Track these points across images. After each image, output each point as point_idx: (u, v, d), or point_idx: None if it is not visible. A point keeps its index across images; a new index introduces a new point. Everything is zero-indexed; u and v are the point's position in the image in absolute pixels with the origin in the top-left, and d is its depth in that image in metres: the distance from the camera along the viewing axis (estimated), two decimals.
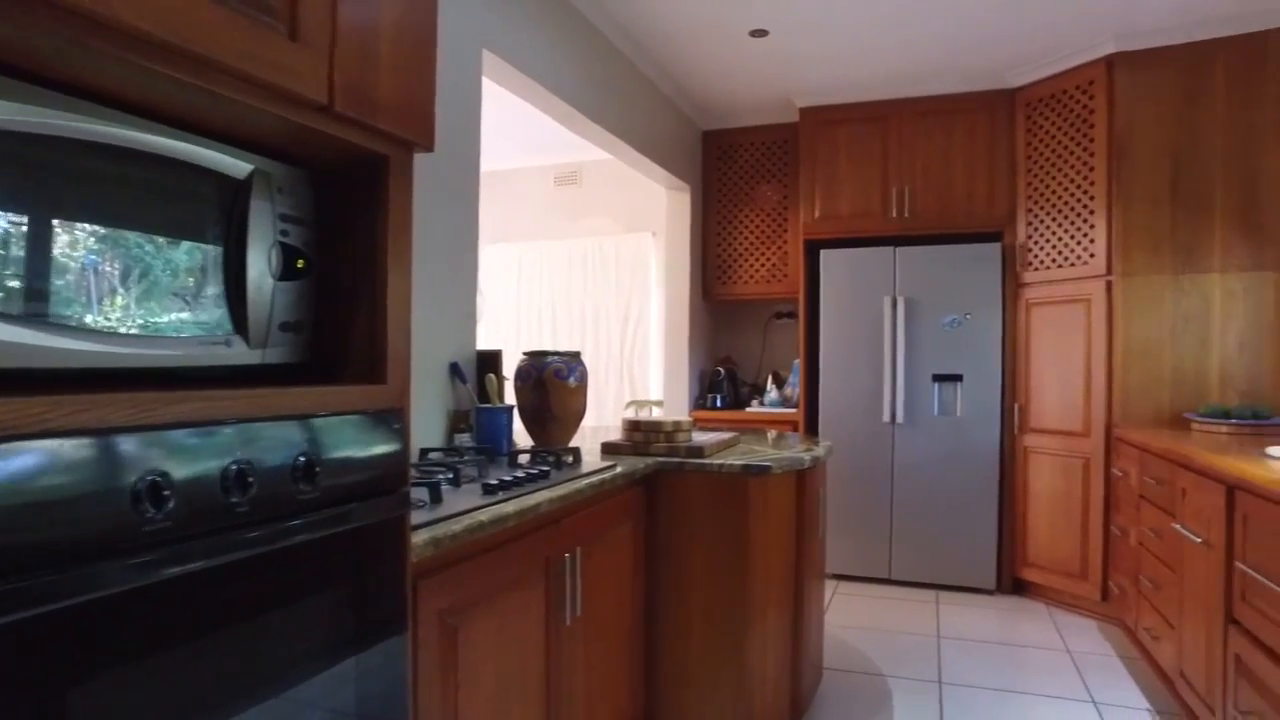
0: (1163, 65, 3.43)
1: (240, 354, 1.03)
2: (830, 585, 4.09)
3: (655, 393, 5.33)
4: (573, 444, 2.62)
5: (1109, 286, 3.48)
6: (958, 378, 3.94)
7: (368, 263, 1.20)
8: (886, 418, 4.03)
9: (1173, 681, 2.56)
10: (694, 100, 4.46)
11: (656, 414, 5.09)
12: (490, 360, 2.56)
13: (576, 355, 2.46)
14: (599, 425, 5.45)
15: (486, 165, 5.73)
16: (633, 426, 2.42)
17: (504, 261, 5.86)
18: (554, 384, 2.37)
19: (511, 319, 5.83)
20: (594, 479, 1.92)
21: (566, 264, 5.65)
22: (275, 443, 0.98)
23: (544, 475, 1.87)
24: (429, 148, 1.27)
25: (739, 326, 5.10)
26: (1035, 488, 3.79)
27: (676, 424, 2.40)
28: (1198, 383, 3.37)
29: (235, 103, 0.96)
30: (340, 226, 1.23)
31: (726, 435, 2.66)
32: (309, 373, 1.21)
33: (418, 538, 1.27)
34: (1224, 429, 3.03)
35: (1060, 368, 3.68)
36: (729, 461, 2.24)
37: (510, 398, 2.57)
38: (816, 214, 4.28)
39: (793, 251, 4.51)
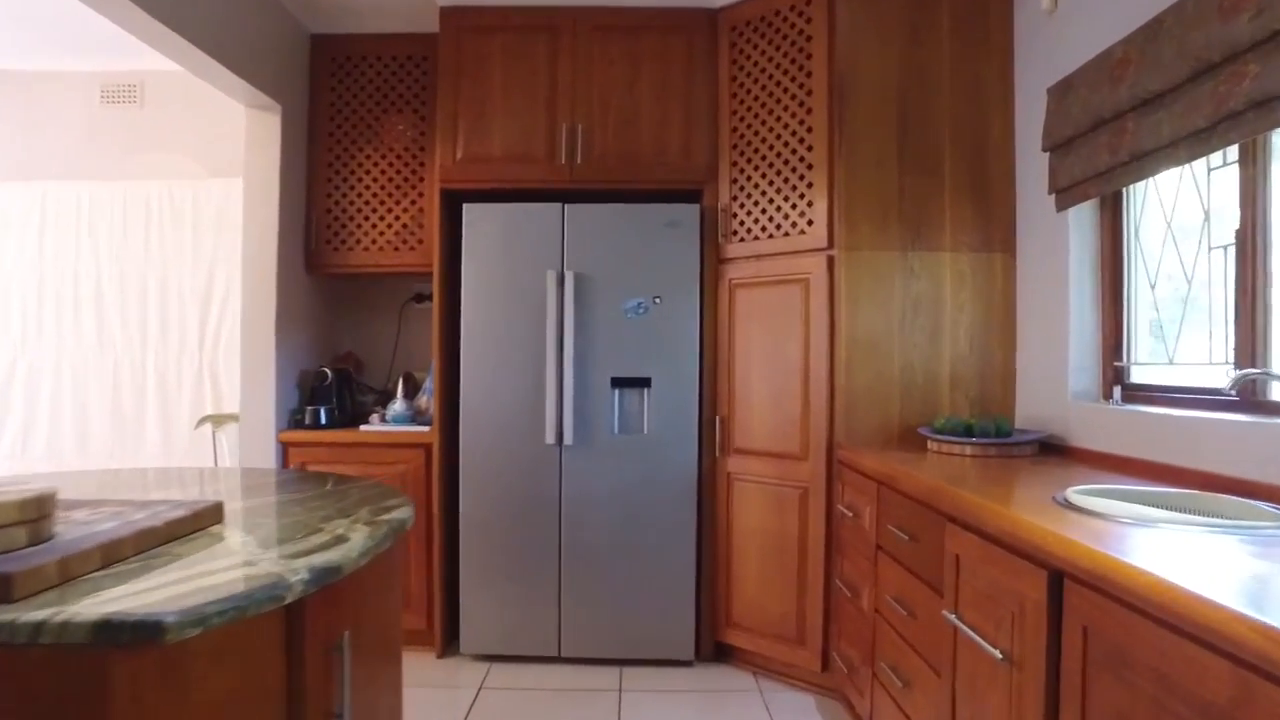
0: None
1: None
2: (477, 671, 2.87)
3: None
4: None
5: (830, 263, 2.65)
6: (645, 382, 2.92)
7: None
8: (551, 438, 2.90)
9: None
10: None
11: (223, 446, 3.51)
12: None
13: None
14: (167, 458, 3.76)
15: None
16: None
17: (19, 207, 3.88)
18: None
19: (32, 292, 3.88)
20: None
21: (120, 216, 3.85)
22: None
23: None
24: None
25: (369, 312, 3.71)
26: (742, 526, 2.88)
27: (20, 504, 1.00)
28: (928, 386, 2.64)
29: None
30: None
31: (177, 512, 1.29)
32: None
33: None
34: (968, 450, 2.28)
35: (772, 368, 2.79)
36: (78, 612, 0.88)
37: None
38: (459, 154, 3.04)
39: (429, 207, 3.23)
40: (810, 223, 2.70)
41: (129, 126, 3.92)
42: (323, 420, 3.16)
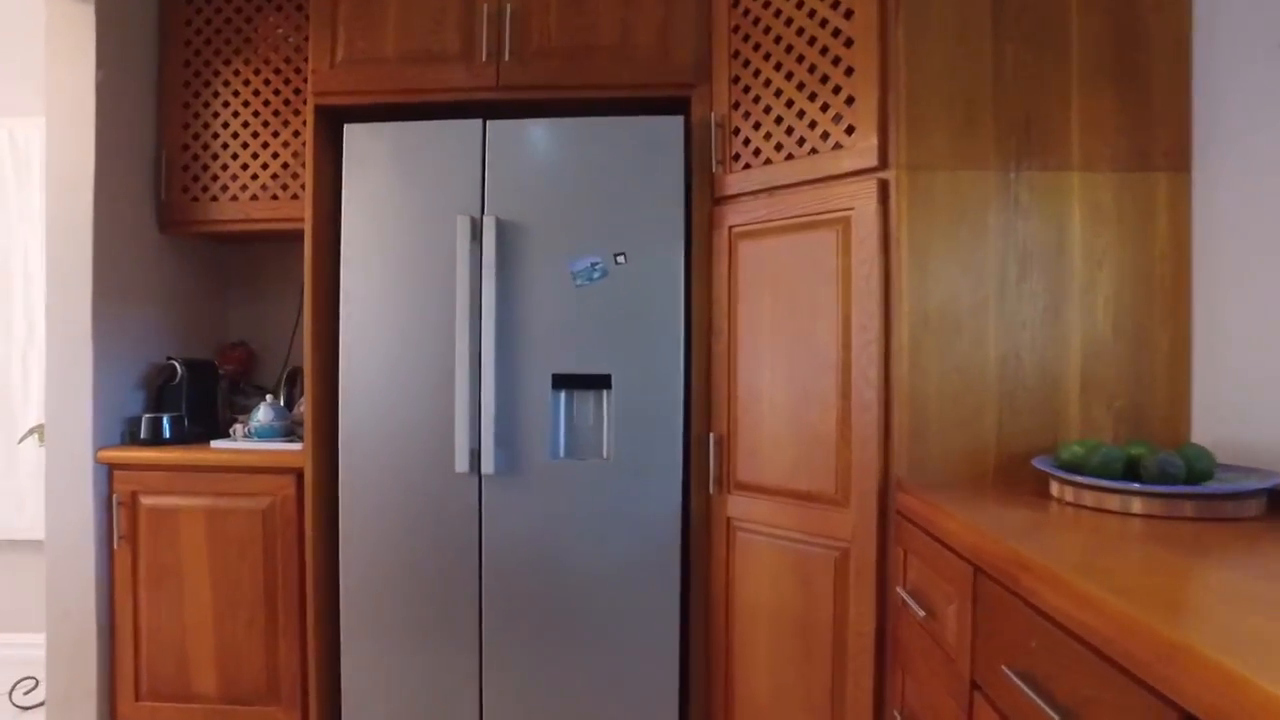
0: None
1: None
2: None
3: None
4: None
5: (883, 191, 1.65)
6: (603, 382, 1.96)
7: None
8: (463, 464, 1.95)
9: None
10: None
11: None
12: None
13: None
14: (12, 477, 2.90)
15: None
16: None
17: None
18: None
19: None
20: None
21: None
22: None
23: None
24: None
25: (270, 287, 2.81)
26: (749, 600, 1.90)
27: None
28: (1045, 390, 1.63)
29: None
30: None
31: None
32: None
33: None
34: (1135, 505, 1.27)
35: (794, 360, 1.81)
36: None
37: None
38: (339, 55, 2.12)
39: (308, 134, 2.30)
40: (850, 130, 1.70)
41: None
42: (166, 433, 2.26)
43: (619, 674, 1.95)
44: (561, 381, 1.96)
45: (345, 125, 2.05)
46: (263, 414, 2.20)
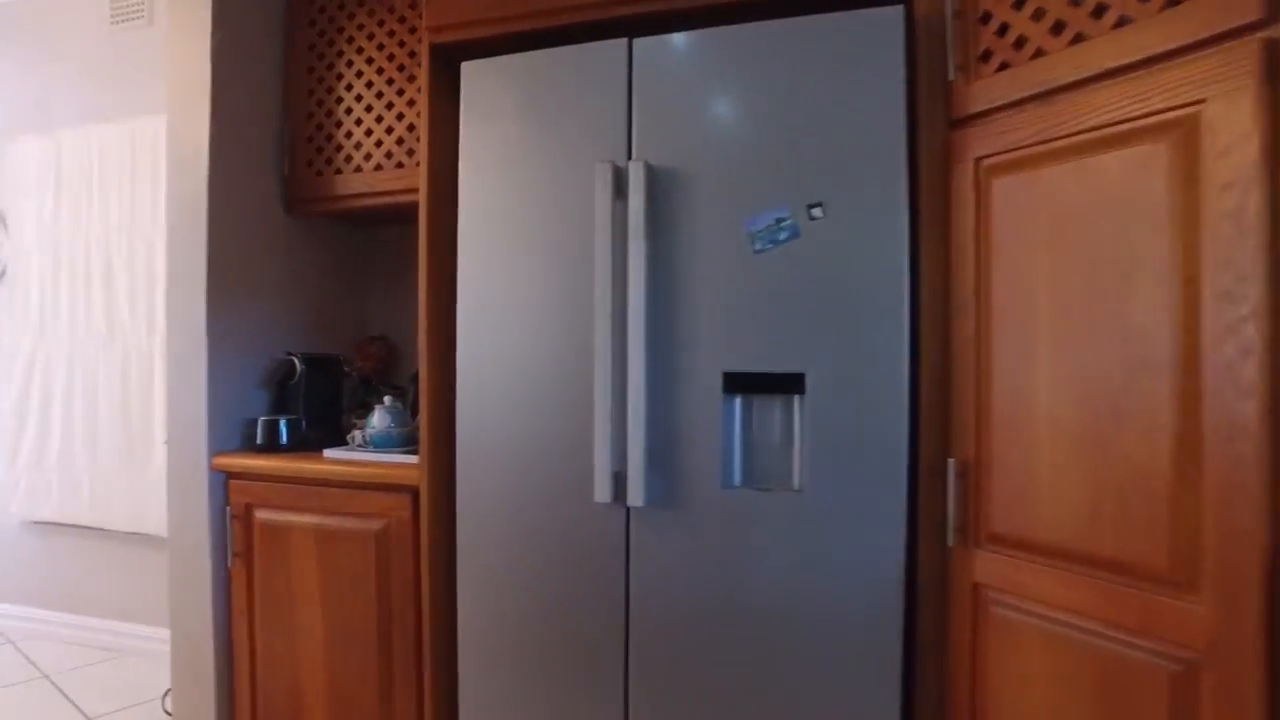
0: None
1: None
2: None
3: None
4: None
5: (1272, 60, 0.98)
6: (791, 384, 1.41)
7: None
8: (604, 492, 1.47)
9: None
10: None
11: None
12: None
13: None
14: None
15: None
16: None
17: (35, 164, 3.15)
18: None
19: (49, 271, 3.13)
20: None
21: (130, 166, 2.97)
22: None
23: None
24: None
25: (412, 275, 2.51)
26: (1008, 714, 1.28)
27: None
28: None
29: None
30: None
31: None
32: None
33: None
34: None
35: (1088, 354, 1.17)
36: None
37: None
38: None
39: (422, 78, 1.92)
40: None
41: (140, 54, 3.02)
42: (282, 438, 1.98)
43: None
44: (736, 383, 1.44)
45: (463, 66, 1.64)
46: (378, 419, 1.85)
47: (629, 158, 1.50)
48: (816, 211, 1.39)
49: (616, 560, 1.51)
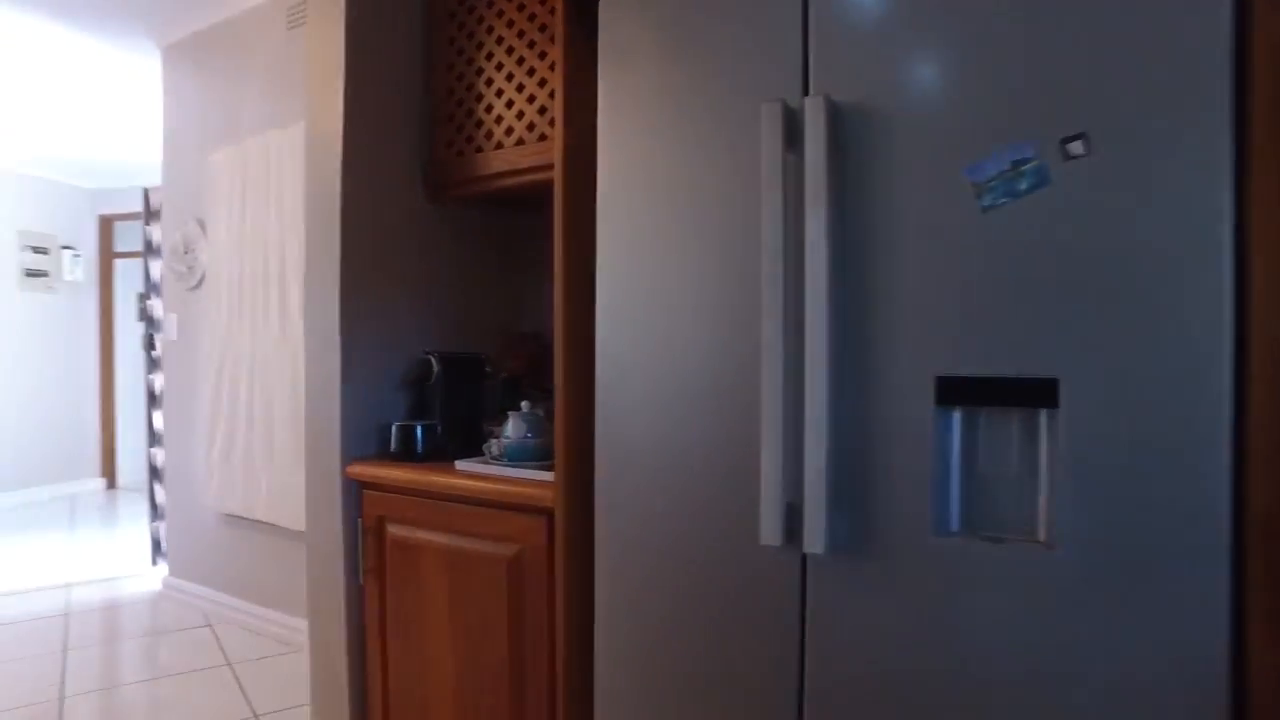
0: None
1: None
2: None
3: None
4: None
5: None
6: (1038, 395, 0.99)
7: None
8: (774, 533, 1.13)
9: None
10: None
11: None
12: None
13: None
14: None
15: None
16: None
17: (228, 174, 3.28)
18: None
19: (235, 275, 3.24)
20: None
21: (300, 169, 2.99)
22: None
23: None
24: None
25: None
26: None
27: None
28: None
29: None
30: None
31: None
32: None
33: None
34: None
35: None
36: None
37: None
38: None
39: (556, 26, 1.65)
40: None
41: None
42: (418, 445, 1.79)
43: None
44: (954, 392, 1.04)
45: (600, 4, 1.36)
46: (511, 428, 1.61)
47: (804, 94, 1.14)
48: (1076, 146, 0.97)
49: (787, 625, 1.16)
